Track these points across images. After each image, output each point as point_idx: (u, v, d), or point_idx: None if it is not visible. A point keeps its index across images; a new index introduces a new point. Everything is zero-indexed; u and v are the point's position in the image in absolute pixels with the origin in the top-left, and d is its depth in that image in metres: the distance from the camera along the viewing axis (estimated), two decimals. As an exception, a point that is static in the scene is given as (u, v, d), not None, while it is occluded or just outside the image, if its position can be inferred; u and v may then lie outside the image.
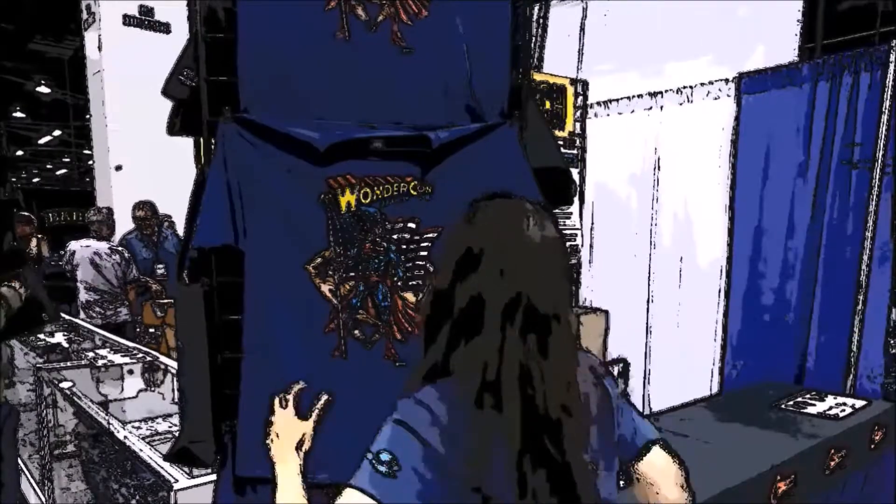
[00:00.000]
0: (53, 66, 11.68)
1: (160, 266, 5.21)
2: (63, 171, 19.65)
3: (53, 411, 3.21)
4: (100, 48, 6.05)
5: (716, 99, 3.78)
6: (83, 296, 4.93)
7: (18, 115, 14.82)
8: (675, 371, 4.02)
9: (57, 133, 15.83)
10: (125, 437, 2.47)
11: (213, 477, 1.57)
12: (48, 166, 19.95)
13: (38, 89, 12.95)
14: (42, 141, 16.73)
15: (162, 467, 2.10)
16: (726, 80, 3.72)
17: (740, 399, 3.13)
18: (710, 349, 3.79)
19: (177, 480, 1.99)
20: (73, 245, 5.03)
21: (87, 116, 6.86)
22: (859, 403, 2.83)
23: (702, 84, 3.86)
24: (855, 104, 3.20)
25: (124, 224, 5.40)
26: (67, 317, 4.62)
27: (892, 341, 3.17)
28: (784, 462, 2.20)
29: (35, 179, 19.88)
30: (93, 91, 6.36)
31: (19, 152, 17.27)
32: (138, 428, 2.61)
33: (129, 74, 5.49)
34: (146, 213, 5.21)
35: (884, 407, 2.83)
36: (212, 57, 1.43)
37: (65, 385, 3.04)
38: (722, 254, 3.73)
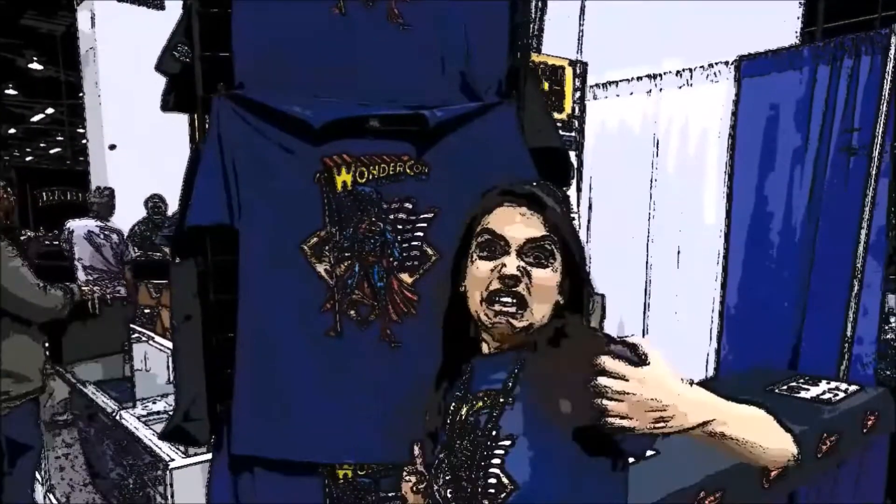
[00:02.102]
0: (46, 42, 11.52)
1: None
2: (56, 149, 19.49)
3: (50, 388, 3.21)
4: (93, 24, 5.96)
5: (715, 82, 3.75)
6: (80, 275, 4.94)
7: (10, 91, 14.65)
8: (671, 355, 4.03)
9: (50, 111, 15.68)
10: (120, 416, 2.48)
11: (209, 456, 1.57)
12: (41, 145, 19.79)
13: (31, 66, 12.80)
14: (35, 119, 16.57)
15: (157, 446, 2.10)
16: (726, 63, 3.69)
17: (735, 383, 3.15)
18: (707, 333, 3.80)
19: (172, 459, 2.00)
20: (72, 224, 5.03)
21: (81, 94, 6.78)
22: (852, 389, 2.85)
23: (702, 67, 3.83)
24: (855, 89, 3.18)
25: (122, 205, 5.38)
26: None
27: (885, 327, 3.19)
28: (777, 446, 2.21)
29: (28, 158, 19.72)
30: (86, 68, 6.28)
31: (11, 130, 17.11)
32: (133, 407, 2.62)
33: (123, 51, 5.41)
34: None
35: (876, 392, 2.85)
36: (206, 32, 1.41)
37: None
38: (719, 238, 3.72)
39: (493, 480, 0.92)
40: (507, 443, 0.92)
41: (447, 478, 0.99)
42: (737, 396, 0.90)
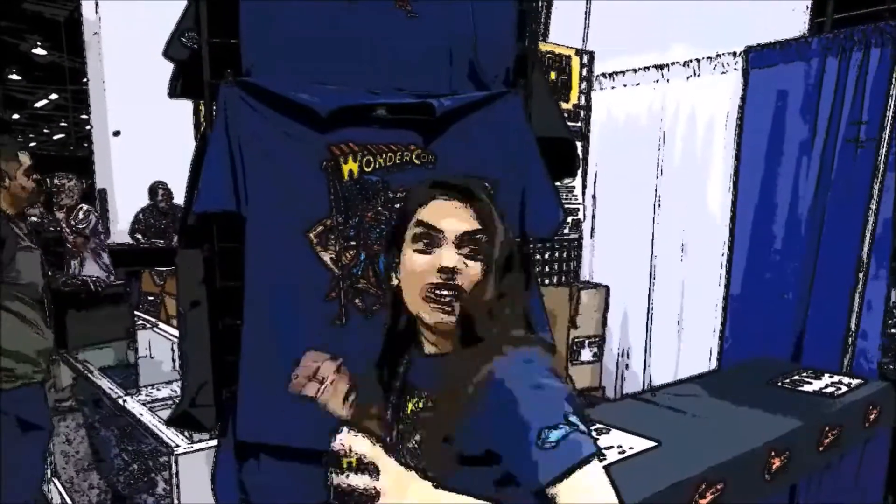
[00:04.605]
0: (49, 27, 11.48)
1: None
2: (60, 135, 19.46)
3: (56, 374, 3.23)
4: (97, 9, 5.93)
5: (723, 73, 3.73)
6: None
7: (14, 77, 14.61)
8: (675, 347, 4.04)
9: (54, 97, 15.63)
10: (125, 402, 2.49)
11: (214, 442, 1.58)
12: (45, 131, 19.76)
13: (34, 51, 12.75)
14: (38, 104, 16.53)
15: (163, 433, 2.11)
16: (734, 54, 3.66)
17: (737, 375, 3.15)
18: (711, 325, 3.80)
19: (178, 446, 2.01)
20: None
21: (85, 80, 6.76)
22: (855, 382, 2.84)
23: (709, 58, 3.80)
24: (863, 81, 3.16)
25: (127, 192, 5.40)
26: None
27: (890, 321, 3.18)
28: (778, 438, 2.22)
29: (32, 144, 19.69)
30: (90, 53, 6.25)
31: (15, 116, 17.07)
32: (138, 394, 2.63)
33: (129, 36, 5.39)
34: None
35: (879, 386, 2.84)
36: (214, 18, 1.40)
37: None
38: (724, 229, 3.71)
39: None
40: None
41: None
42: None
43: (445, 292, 0.92)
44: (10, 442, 2.33)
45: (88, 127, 7.26)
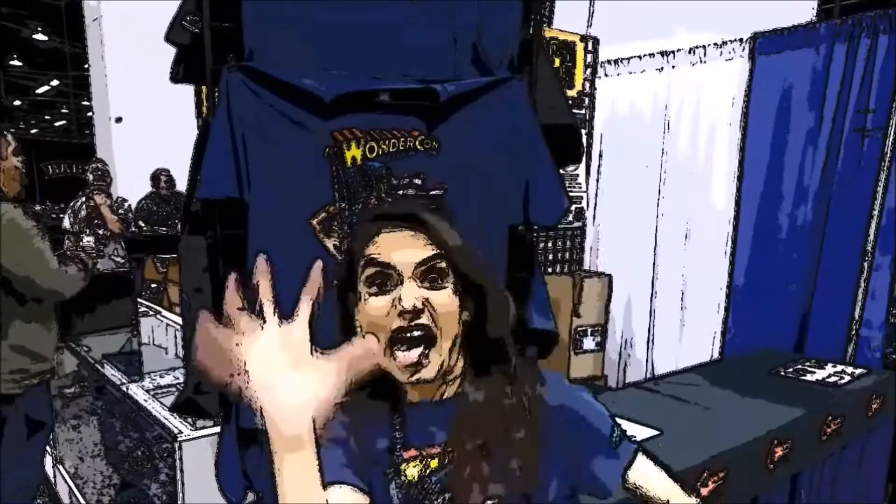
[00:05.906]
0: (50, 12, 11.42)
1: None
2: (62, 122, 19.42)
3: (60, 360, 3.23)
4: (98, -6, 5.91)
5: (729, 59, 3.69)
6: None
7: (15, 63, 14.56)
8: (678, 336, 4.04)
9: (55, 83, 15.59)
10: (128, 388, 2.50)
11: (217, 429, 1.58)
12: (46, 117, 19.71)
13: (35, 37, 12.69)
14: (40, 91, 16.48)
15: (166, 419, 2.12)
16: (741, 41, 3.63)
17: (740, 365, 3.15)
18: (714, 314, 3.79)
19: (181, 432, 2.01)
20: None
21: (86, 66, 6.73)
22: (858, 372, 2.84)
23: (715, 44, 3.76)
24: (871, 68, 3.13)
25: (128, 180, 5.38)
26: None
27: (893, 311, 3.17)
28: (781, 427, 2.21)
29: (33, 130, 19.66)
30: (91, 39, 6.22)
31: (17, 102, 17.03)
32: (141, 381, 2.64)
33: (130, 21, 5.35)
34: None
35: (882, 376, 2.84)
36: (216, 2, 1.38)
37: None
38: (728, 219, 3.70)
39: None
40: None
41: None
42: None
43: (415, 334, 0.81)
44: (15, 441, 2.34)
45: (90, 113, 7.25)
